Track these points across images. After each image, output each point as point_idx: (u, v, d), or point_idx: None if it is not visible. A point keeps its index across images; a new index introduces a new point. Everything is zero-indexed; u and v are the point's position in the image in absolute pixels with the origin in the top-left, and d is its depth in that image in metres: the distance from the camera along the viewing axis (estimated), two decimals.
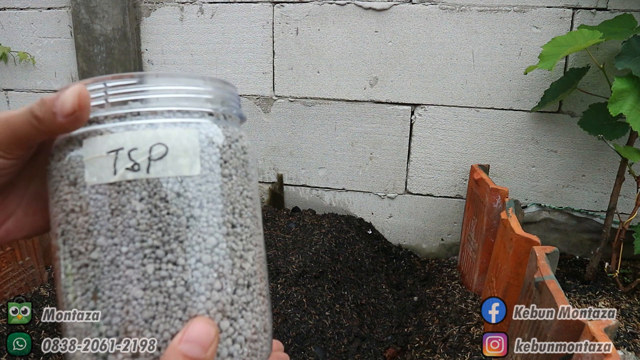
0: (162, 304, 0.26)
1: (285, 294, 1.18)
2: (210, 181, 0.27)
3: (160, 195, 0.26)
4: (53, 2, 1.71)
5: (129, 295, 0.25)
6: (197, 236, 0.27)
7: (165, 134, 0.26)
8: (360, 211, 1.62)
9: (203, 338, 0.25)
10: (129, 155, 0.25)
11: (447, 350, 1.06)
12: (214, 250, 0.27)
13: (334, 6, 1.46)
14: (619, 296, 1.20)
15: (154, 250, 0.26)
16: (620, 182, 1.20)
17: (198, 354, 0.25)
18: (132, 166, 0.25)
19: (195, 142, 0.27)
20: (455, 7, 1.37)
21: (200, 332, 0.25)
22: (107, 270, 0.26)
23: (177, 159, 0.26)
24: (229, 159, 0.29)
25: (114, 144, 0.26)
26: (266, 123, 1.62)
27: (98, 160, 0.26)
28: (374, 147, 1.54)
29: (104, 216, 0.26)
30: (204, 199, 0.27)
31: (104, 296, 0.26)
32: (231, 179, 0.29)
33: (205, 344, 0.25)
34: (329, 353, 1.09)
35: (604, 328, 0.59)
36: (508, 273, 0.95)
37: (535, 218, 1.44)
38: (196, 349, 0.25)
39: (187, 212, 0.26)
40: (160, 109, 0.27)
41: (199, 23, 1.59)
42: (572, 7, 1.29)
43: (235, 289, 0.28)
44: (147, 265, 0.26)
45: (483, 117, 1.43)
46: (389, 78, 1.47)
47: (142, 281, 0.25)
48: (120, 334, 0.25)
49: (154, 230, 0.26)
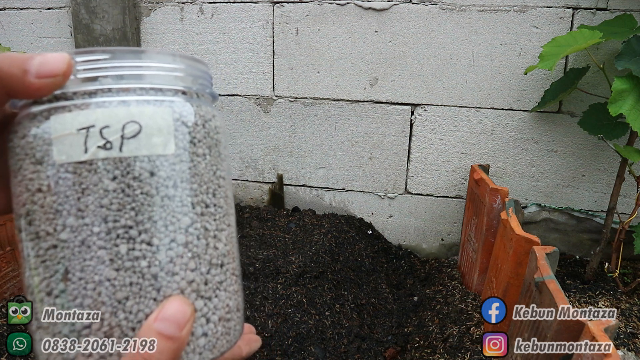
0: (136, 285, 0.25)
1: (285, 294, 1.18)
2: (184, 160, 0.27)
3: (133, 175, 0.25)
4: (53, 2, 1.71)
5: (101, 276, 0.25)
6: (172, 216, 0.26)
7: (139, 111, 0.25)
8: (360, 211, 1.62)
9: (178, 317, 0.25)
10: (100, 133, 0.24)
11: (447, 350, 1.06)
12: (188, 230, 0.27)
13: (334, 6, 1.46)
14: (619, 296, 1.20)
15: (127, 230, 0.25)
16: (620, 182, 1.20)
17: (173, 332, 0.25)
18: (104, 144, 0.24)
19: (170, 120, 0.26)
20: (455, 7, 1.37)
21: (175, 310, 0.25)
22: (77, 251, 0.25)
23: (151, 137, 0.25)
24: (202, 138, 0.28)
25: (85, 121, 0.24)
26: (266, 123, 1.62)
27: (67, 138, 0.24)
28: (374, 147, 1.54)
29: (74, 196, 0.25)
30: (178, 179, 0.26)
31: (74, 277, 0.25)
32: (205, 159, 0.28)
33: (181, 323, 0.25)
34: (329, 353, 1.09)
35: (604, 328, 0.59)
36: (508, 273, 0.95)
37: (535, 218, 1.44)
38: (171, 327, 0.25)
39: (161, 191, 0.26)
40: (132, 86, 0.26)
41: (199, 23, 1.59)
42: (572, 7, 1.29)
43: (209, 268, 0.28)
44: (120, 246, 0.25)
45: (483, 117, 1.43)
46: (389, 78, 1.47)
47: (115, 262, 0.25)
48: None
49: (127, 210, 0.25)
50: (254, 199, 1.72)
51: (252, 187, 1.71)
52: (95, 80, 0.26)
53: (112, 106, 0.25)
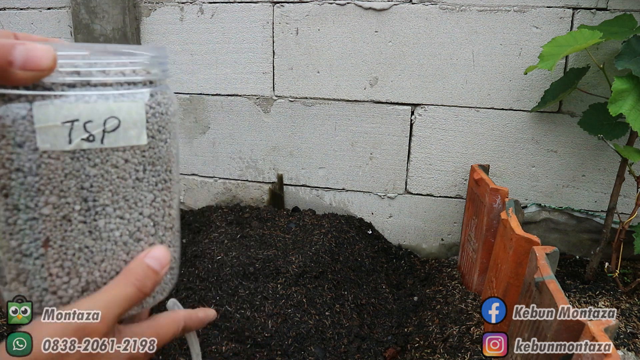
0: (110, 250, 0.31)
1: (285, 294, 1.18)
2: (152, 147, 0.32)
3: (111, 162, 0.29)
4: (53, 2, 1.71)
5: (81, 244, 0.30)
6: (141, 194, 0.32)
7: (117, 107, 0.29)
8: (360, 211, 1.62)
9: (162, 258, 0.33)
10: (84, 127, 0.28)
11: (447, 350, 1.06)
12: (152, 204, 0.33)
13: (334, 6, 1.46)
14: (619, 296, 1.20)
15: (104, 208, 0.30)
16: (620, 182, 1.20)
17: (157, 268, 0.32)
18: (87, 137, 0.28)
19: (143, 114, 0.30)
20: (455, 7, 1.37)
21: (161, 252, 0.33)
22: (59, 224, 0.29)
23: (127, 131, 0.29)
24: (165, 124, 0.32)
25: (69, 114, 0.27)
26: (266, 123, 1.62)
27: (52, 129, 0.27)
28: (374, 147, 1.54)
29: (57, 179, 0.28)
30: (147, 163, 0.31)
31: (55, 245, 0.30)
32: (166, 143, 0.33)
33: (163, 263, 0.33)
34: (329, 353, 1.09)
35: (604, 328, 0.59)
36: (508, 273, 0.95)
37: (535, 218, 1.44)
38: (156, 264, 0.32)
39: (133, 175, 0.31)
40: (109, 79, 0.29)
41: (199, 23, 1.59)
42: (572, 7, 1.29)
43: (164, 232, 0.35)
44: (98, 220, 0.30)
45: (483, 117, 1.43)
46: (389, 78, 1.47)
47: (94, 233, 0.30)
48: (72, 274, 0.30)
49: (105, 192, 0.30)
50: (254, 199, 1.72)
51: (252, 187, 1.71)
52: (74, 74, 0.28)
53: (93, 101, 0.28)
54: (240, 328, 1.09)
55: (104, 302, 0.29)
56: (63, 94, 0.27)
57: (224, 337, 1.08)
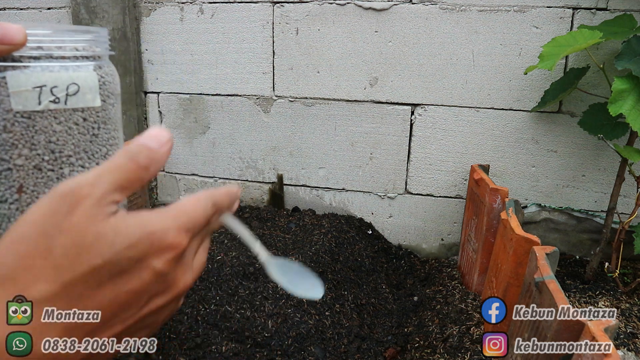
0: None
1: (285, 294, 1.18)
2: (104, 109, 0.38)
3: (73, 120, 0.36)
4: (53, 2, 1.71)
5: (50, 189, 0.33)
6: (97, 148, 0.38)
7: (76, 76, 0.35)
8: (360, 211, 1.62)
9: (159, 135, 0.31)
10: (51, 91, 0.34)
11: (447, 350, 1.06)
12: (105, 156, 0.38)
13: (334, 6, 1.46)
14: (619, 296, 1.20)
15: (68, 158, 0.36)
16: (620, 182, 1.20)
17: (155, 146, 0.30)
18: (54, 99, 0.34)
19: (96, 82, 0.37)
20: (455, 7, 1.37)
21: (157, 131, 0.31)
22: (31, 173, 0.35)
23: (85, 94, 0.36)
24: (112, 91, 0.39)
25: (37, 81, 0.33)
26: (266, 123, 1.62)
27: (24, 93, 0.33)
28: (374, 147, 1.54)
29: (28, 134, 0.34)
30: (101, 122, 0.38)
31: (28, 191, 0.35)
32: (114, 107, 0.39)
33: (161, 140, 0.31)
34: (329, 353, 1.09)
35: (604, 328, 0.59)
36: (508, 273, 0.95)
37: (535, 218, 1.44)
38: (153, 141, 0.30)
39: (91, 131, 0.37)
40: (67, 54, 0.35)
41: (199, 23, 1.59)
42: (572, 7, 1.29)
43: None
44: (64, 169, 0.36)
45: (483, 117, 1.43)
46: (389, 78, 1.47)
47: (60, 179, 0.35)
48: None
49: (69, 145, 0.36)
50: (254, 199, 1.72)
51: (252, 187, 1.71)
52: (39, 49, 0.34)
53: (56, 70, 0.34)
54: (240, 328, 1.09)
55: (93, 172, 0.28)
56: (30, 65, 0.33)
57: (224, 337, 1.08)
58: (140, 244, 0.27)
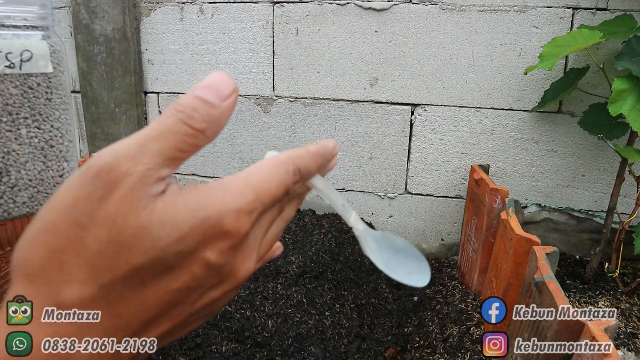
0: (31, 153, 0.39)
1: (285, 294, 1.18)
2: (55, 75, 0.41)
3: (28, 85, 0.38)
4: (53, 2, 1.70)
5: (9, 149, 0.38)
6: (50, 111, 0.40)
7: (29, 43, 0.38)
8: (360, 211, 1.62)
9: (219, 85, 0.24)
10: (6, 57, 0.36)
11: (447, 350, 1.06)
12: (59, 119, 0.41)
13: (334, 6, 1.46)
14: (619, 296, 1.20)
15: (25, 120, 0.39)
16: (620, 182, 1.20)
17: (213, 98, 0.24)
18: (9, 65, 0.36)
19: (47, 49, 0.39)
20: (455, 7, 1.37)
21: (216, 79, 0.25)
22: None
23: (38, 61, 0.38)
24: (61, 59, 0.42)
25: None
26: (266, 123, 1.62)
27: None
28: (374, 147, 1.54)
29: None
30: (53, 87, 0.40)
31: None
32: (63, 74, 0.42)
33: (222, 92, 0.24)
34: (329, 353, 1.09)
35: (604, 328, 0.59)
36: (508, 273, 0.95)
37: (535, 218, 1.44)
38: (211, 93, 0.24)
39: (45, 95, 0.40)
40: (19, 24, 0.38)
41: (199, 23, 1.59)
42: (572, 7, 1.29)
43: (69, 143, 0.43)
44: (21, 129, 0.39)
45: (483, 117, 1.43)
46: (389, 78, 1.47)
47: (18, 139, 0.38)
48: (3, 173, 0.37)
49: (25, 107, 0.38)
50: None
51: None
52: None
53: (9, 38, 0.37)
54: (240, 328, 1.09)
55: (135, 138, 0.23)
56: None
57: (224, 337, 1.08)
58: (192, 235, 0.22)
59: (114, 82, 1.68)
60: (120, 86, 1.68)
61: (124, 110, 1.70)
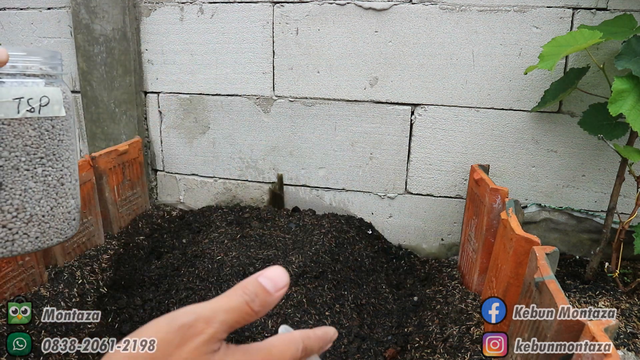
0: (45, 190, 0.43)
1: (285, 294, 1.18)
2: (67, 119, 0.45)
3: (44, 127, 0.42)
4: (53, 2, 1.71)
5: (26, 186, 0.41)
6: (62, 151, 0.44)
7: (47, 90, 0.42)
8: (360, 211, 1.62)
9: (277, 279, 0.32)
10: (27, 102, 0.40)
11: (447, 350, 1.06)
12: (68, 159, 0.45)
13: (334, 6, 1.46)
14: (619, 296, 1.20)
15: (41, 159, 0.42)
16: (620, 182, 1.20)
17: (270, 288, 0.32)
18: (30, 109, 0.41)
19: (61, 95, 0.44)
20: (455, 7, 1.37)
21: (276, 273, 0.32)
22: (10, 172, 0.41)
23: (53, 106, 0.43)
24: (70, 104, 0.46)
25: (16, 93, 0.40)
26: (266, 123, 1.62)
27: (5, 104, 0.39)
28: (374, 147, 1.54)
29: (8, 138, 0.40)
30: (65, 130, 0.45)
31: (7, 187, 0.41)
32: (71, 117, 0.47)
33: (278, 284, 0.32)
34: (329, 353, 1.09)
35: (604, 328, 0.59)
36: (508, 273, 0.95)
37: (535, 218, 1.44)
38: (270, 284, 0.32)
39: (58, 137, 0.44)
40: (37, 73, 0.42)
41: (199, 23, 1.59)
42: (572, 7, 1.29)
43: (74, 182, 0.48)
44: (37, 168, 0.42)
45: (483, 117, 1.43)
46: (389, 78, 1.47)
47: (34, 177, 0.42)
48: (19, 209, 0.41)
49: (41, 148, 0.42)
50: (254, 199, 1.72)
51: (252, 187, 1.71)
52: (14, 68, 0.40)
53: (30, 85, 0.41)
54: (240, 328, 1.09)
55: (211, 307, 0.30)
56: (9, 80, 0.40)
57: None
58: None
59: (114, 82, 1.68)
60: (120, 86, 1.68)
61: (124, 110, 1.70)
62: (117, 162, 1.53)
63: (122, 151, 1.54)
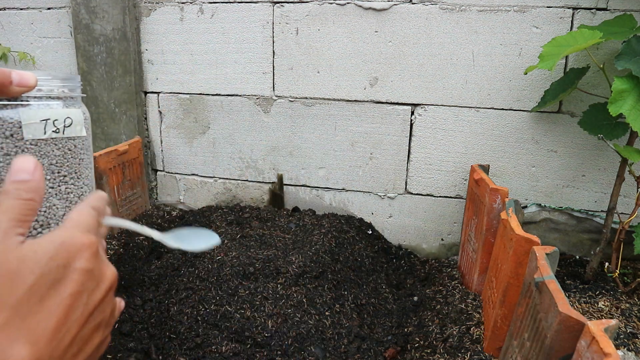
0: (67, 207, 0.44)
1: (285, 294, 1.18)
2: (87, 139, 0.47)
3: (68, 147, 0.44)
4: (53, 2, 1.71)
5: (50, 203, 0.43)
6: (82, 169, 0.46)
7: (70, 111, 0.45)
8: (360, 211, 1.62)
9: (24, 165, 0.35)
10: (53, 124, 0.43)
11: (447, 350, 1.06)
12: (88, 177, 0.47)
13: (334, 6, 1.46)
14: (619, 296, 1.20)
15: (64, 177, 0.44)
16: (620, 182, 1.20)
17: (25, 176, 0.34)
18: (55, 130, 0.43)
19: (82, 116, 0.46)
20: (455, 7, 1.37)
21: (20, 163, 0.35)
22: None
23: (76, 126, 0.45)
24: (89, 125, 0.48)
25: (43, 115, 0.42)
26: (266, 123, 1.62)
27: (33, 125, 0.41)
28: (374, 147, 1.54)
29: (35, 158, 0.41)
30: (85, 149, 0.47)
31: None
32: (90, 136, 0.48)
33: (28, 169, 0.35)
34: (329, 353, 1.09)
35: (604, 328, 0.59)
36: (508, 273, 0.95)
37: (535, 218, 1.44)
38: (20, 174, 0.34)
39: (79, 155, 0.46)
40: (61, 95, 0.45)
41: (199, 23, 1.59)
42: (572, 7, 1.29)
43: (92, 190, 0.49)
44: (61, 186, 0.44)
45: (483, 117, 1.43)
46: (389, 78, 1.47)
47: (58, 195, 0.44)
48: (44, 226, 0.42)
49: (64, 166, 0.44)
50: (254, 199, 1.72)
51: (252, 187, 1.71)
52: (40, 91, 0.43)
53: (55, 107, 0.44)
54: (240, 328, 1.09)
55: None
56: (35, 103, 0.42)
57: (224, 337, 1.08)
58: (60, 253, 0.32)
59: (114, 82, 1.68)
60: (120, 86, 1.68)
61: (124, 110, 1.70)
62: (117, 162, 1.53)
63: (122, 151, 1.54)
